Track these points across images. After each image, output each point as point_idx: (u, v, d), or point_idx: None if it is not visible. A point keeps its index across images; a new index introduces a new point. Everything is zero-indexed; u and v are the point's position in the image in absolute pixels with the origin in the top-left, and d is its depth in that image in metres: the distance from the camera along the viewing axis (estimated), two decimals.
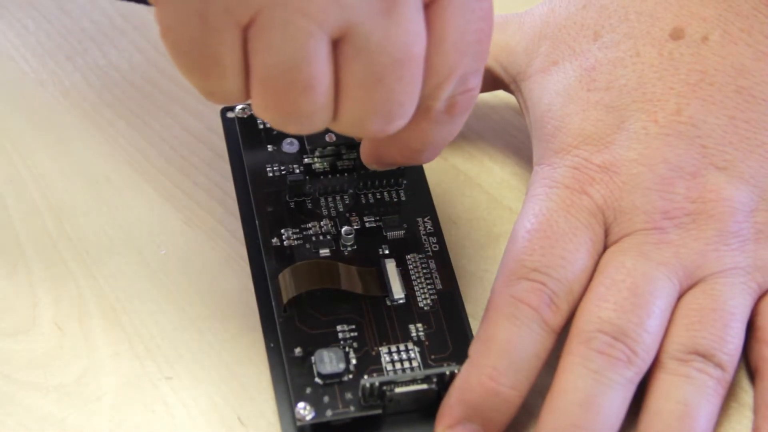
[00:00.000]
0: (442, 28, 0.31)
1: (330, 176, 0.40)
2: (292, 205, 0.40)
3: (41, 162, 0.43)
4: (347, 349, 0.36)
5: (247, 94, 0.31)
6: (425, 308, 0.37)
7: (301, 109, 0.31)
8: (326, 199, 0.40)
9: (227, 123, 0.42)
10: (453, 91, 0.33)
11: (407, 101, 0.32)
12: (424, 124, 0.34)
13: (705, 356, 0.35)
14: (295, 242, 0.39)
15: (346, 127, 0.32)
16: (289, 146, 0.41)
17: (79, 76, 0.46)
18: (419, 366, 0.36)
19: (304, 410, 0.35)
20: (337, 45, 0.30)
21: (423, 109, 0.33)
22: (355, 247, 0.39)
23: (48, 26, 0.47)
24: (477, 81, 0.33)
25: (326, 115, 0.32)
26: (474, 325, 0.37)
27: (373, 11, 0.30)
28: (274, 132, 0.41)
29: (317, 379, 0.35)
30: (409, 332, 0.37)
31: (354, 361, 0.36)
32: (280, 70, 0.30)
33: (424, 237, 0.39)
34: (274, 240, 0.39)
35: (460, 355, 0.36)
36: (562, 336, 0.35)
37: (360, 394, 0.35)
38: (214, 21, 0.29)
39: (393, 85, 0.31)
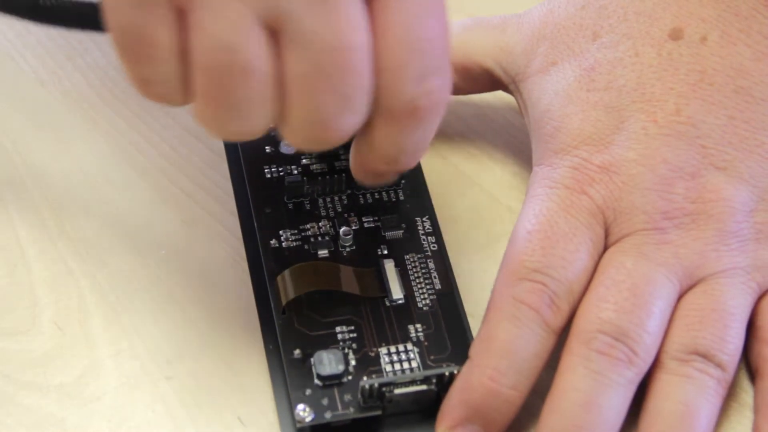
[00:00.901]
0: (386, 23, 0.31)
1: (328, 177, 0.40)
2: (290, 206, 0.40)
3: (41, 162, 0.43)
4: (346, 350, 0.36)
5: (186, 89, 0.31)
6: (424, 309, 0.37)
7: (238, 96, 0.30)
8: (324, 199, 0.40)
9: None
10: (412, 92, 0.32)
11: (354, 95, 0.31)
12: (391, 128, 0.33)
13: (705, 356, 0.35)
14: (294, 243, 0.39)
15: (296, 128, 0.32)
16: (287, 147, 0.41)
17: (79, 76, 0.46)
18: (419, 367, 0.36)
19: (304, 412, 0.35)
20: (276, 38, 0.30)
21: (385, 111, 0.32)
22: (354, 247, 0.39)
23: None
24: (440, 83, 0.32)
25: (268, 110, 0.31)
26: (473, 325, 0.37)
27: (305, 2, 0.29)
28: (272, 133, 0.41)
29: (316, 381, 0.35)
30: (408, 333, 0.37)
31: (353, 363, 0.36)
32: (214, 52, 0.30)
33: (423, 237, 0.39)
34: (273, 241, 0.39)
35: (459, 356, 0.36)
36: (562, 336, 0.35)
37: (359, 395, 0.35)
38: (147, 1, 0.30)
39: (334, 75, 0.30)
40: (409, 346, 0.36)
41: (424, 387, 0.35)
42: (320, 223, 0.39)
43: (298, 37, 0.30)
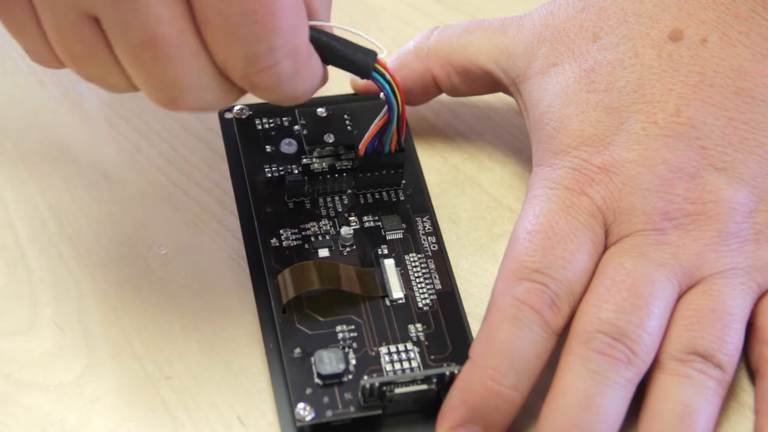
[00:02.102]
0: (201, 13, 0.32)
1: (329, 176, 0.40)
2: (290, 205, 0.40)
3: (41, 162, 0.43)
4: (347, 349, 0.36)
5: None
6: (424, 308, 0.37)
7: (87, 70, 0.33)
8: (325, 199, 0.40)
9: (225, 124, 0.42)
10: (242, 71, 0.33)
11: (182, 80, 0.32)
12: (249, 90, 0.34)
13: (705, 357, 0.35)
14: (294, 243, 0.39)
15: (153, 98, 0.34)
16: (288, 147, 0.41)
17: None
18: (419, 366, 0.36)
19: (304, 411, 0.35)
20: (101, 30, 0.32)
21: (236, 80, 0.33)
22: (354, 247, 0.39)
23: None
24: (273, 60, 0.32)
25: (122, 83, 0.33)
26: (473, 325, 0.37)
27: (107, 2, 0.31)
28: (273, 132, 0.41)
29: (317, 380, 0.35)
30: (408, 332, 0.37)
31: (353, 362, 0.36)
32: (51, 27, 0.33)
33: (423, 237, 0.39)
34: (273, 240, 0.39)
35: (459, 356, 0.36)
36: (562, 336, 0.35)
37: (360, 394, 0.35)
38: None
39: (150, 65, 0.32)
40: (410, 346, 0.37)
41: (424, 386, 0.35)
42: (321, 223, 0.39)
43: (111, 31, 0.32)
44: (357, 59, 0.36)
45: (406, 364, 0.36)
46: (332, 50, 0.35)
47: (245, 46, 0.32)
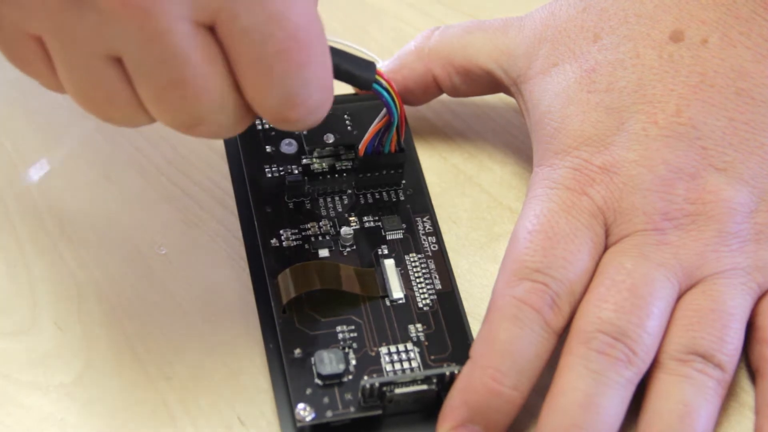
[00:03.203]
0: (232, 53, 0.31)
1: (329, 176, 0.40)
2: (290, 205, 0.40)
3: (41, 162, 0.43)
4: (347, 349, 0.36)
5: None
6: (425, 308, 0.37)
7: (107, 113, 0.33)
8: (325, 199, 0.40)
9: None
10: (276, 109, 0.32)
11: (207, 115, 0.32)
12: (271, 123, 0.33)
13: (704, 357, 0.35)
14: (294, 243, 0.39)
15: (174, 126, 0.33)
16: (288, 147, 0.41)
17: None
18: (419, 366, 0.36)
19: (304, 411, 0.35)
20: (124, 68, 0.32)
21: (265, 116, 0.33)
22: (354, 247, 0.39)
23: None
24: (307, 94, 0.32)
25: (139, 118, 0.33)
26: (473, 325, 0.37)
27: (137, 43, 0.30)
28: (273, 133, 0.41)
29: (317, 380, 0.35)
30: (408, 333, 0.37)
31: (354, 362, 0.36)
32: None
33: (423, 237, 0.39)
34: (273, 241, 0.39)
35: (459, 356, 0.36)
36: (562, 336, 0.35)
37: (360, 394, 0.35)
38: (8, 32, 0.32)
39: (177, 104, 0.32)
40: (410, 346, 0.37)
41: (424, 387, 0.35)
42: (321, 223, 0.39)
43: (137, 73, 0.31)
44: (359, 74, 0.36)
45: (406, 365, 0.36)
46: (333, 65, 0.35)
47: (280, 84, 0.31)
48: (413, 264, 0.39)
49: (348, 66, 0.36)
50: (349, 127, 0.41)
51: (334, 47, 0.35)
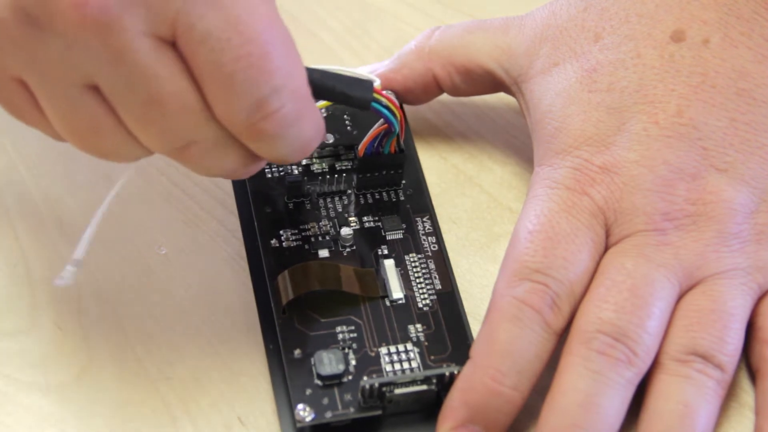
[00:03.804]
0: (194, 64, 0.31)
1: (328, 177, 0.40)
2: (290, 206, 0.40)
3: (41, 162, 0.43)
4: (346, 350, 0.36)
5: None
6: (424, 309, 0.37)
7: (97, 145, 0.33)
8: (325, 199, 0.40)
9: None
10: (247, 120, 0.31)
11: (189, 130, 0.32)
12: (251, 144, 0.33)
13: (704, 357, 0.35)
14: (294, 243, 0.39)
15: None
16: None
17: None
18: (419, 367, 0.36)
19: (304, 411, 0.35)
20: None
21: (240, 133, 0.32)
22: (354, 247, 0.39)
23: None
24: (278, 103, 0.31)
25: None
26: (473, 325, 0.37)
27: (104, 64, 0.30)
28: None
29: (317, 381, 0.35)
30: (408, 333, 0.37)
31: (353, 362, 0.36)
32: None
33: (423, 237, 0.39)
34: (273, 241, 0.39)
35: (459, 356, 0.36)
36: (562, 336, 0.35)
37: (360, 395, 0.35)
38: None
39: (158, 122, 0.31)
40: (410, 346, 0.37)
41: (424, 387, 0.35)
42: (321, 223, 0.39)
43: (114, 98, 0.31)
44: (355, 95, 0.36)
45: (406, 365, 0.36)
46: (328, 89, 0.35)
47: (246, 93, 0.31)
48: (413, 264, 0.39)
49: (344, 88, 0.36)
50: (348, 128, 0.41)
51: (327, 71, 0.35)
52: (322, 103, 0.37)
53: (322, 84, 0.35)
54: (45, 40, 0.30)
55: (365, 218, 0.40)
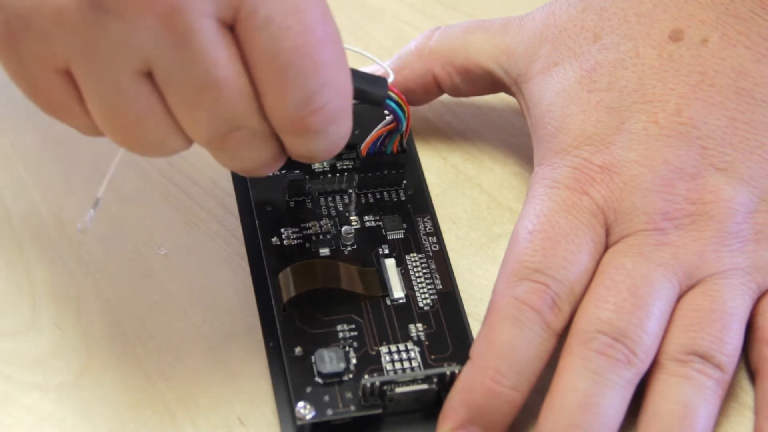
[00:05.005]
0: (251, 51, 0.31)
1: (330, 175, 0.40)
2: (291, 204, 0.40)
3: (41, 162, 0.43)
4: (347, 348, 0.36)
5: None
6: (425, 308, 0.37)
7: (142, 138, 0.33)
8: (326, 198, 0.40)
9: None
10: (297, 113, 0.32)
11: (237, 118, 0.32)
12: (292, 140, 0.33)
13: (704, 357, 0.35)
14: (295, 242, 0.39)
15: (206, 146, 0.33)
16: None
17: None
18: (419, 366, 0.36)
19: (305, 409, 0.35)
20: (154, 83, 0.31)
21: (279, 129, 0.33)
22: (355, 246, 0.39)
23: None
24: (326, 98, 0.32)
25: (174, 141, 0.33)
26: (474, 325, 0.37)
27: (166, 46, 0.30)
28: None
29: (317, 379, 0.35)
30: (409, 332, 0.37)
31: (354, 361, 0.36)
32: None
33: (423, 237, 0.39)
34: (274, 239, 0.39)
35: (460, 355, 0.36)
36: (562, 336, 0.35)
37: (360, 393, 0.35)
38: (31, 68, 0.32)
39: (210, 107, 0.31)
40: (410, 345, 0.37)
41: (425, 386, 0.35)
42: (322, 222, 0.39)
43: (168, 82, 0.31)
44: (372, 90, 0.37)
45: (406, 364, 0.36)
46: None
47: (298, 84, 0.31)
48: (414, 264, 0.39)
49: (361, 84, 0.36)
50: None
51: None
52: None
53: None
54: (106, 23, 0.30)
55: (366, 218, 0.40)
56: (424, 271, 0.38)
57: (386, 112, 0.39)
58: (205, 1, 0.30)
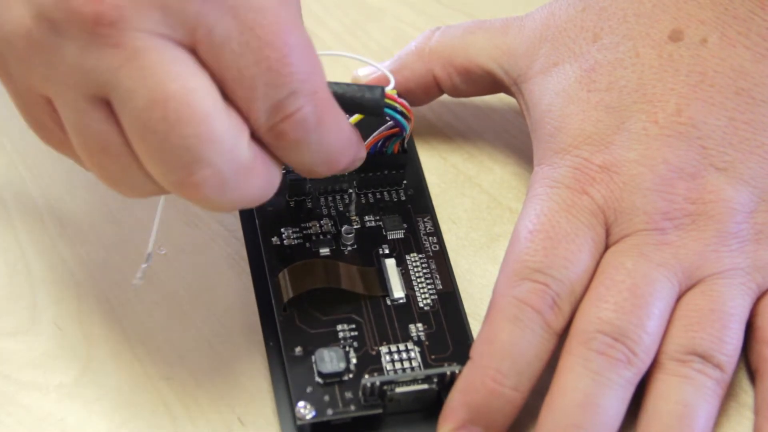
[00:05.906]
0: (215, 68, 0.31)
1: (330, 176, 0.40)
2: (292, 204, 0.40)
3: (41, 162, 0.43)
4: (347, 348, 0.36)
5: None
6: (425, 308, 0.37)
7: (106, 168, 0.32)
8: (326, 198, 0.40)
9: None
10: (268, 122, 0.32)
11: (192, 141, 0.30)
12: (276, 150, 0.33)
13: (704, 357, 0.35)
14: (295, 241, 0.39)
15: (164, 181, 0.32)
16: None
17: None
18: (419, 366, 0.36)
19: (305, 409, 0.35)
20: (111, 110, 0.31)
21: (264, 137, 0.32)
22: (355, 246, 0.39)
23: None
24: (296, 104, 0.32)
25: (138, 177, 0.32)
26: (474, 325, 0.37)
27: (116, 69, 0.30)
28: None
29: (317, 379, 0.35)
30: (409, 332, 0.37)
31: (354, 361, 0.36)
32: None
33: (424, 237, 0.39)
34: (274, 239, 0.39)
35: (460, 355, 0.36)
36: (562, 336, 0.35)
37: (360, 393, 0.35)
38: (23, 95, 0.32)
39: (160, 128, 0.30)
40: (410, 345, 0.37)
41: (425, 386, 0.35)
42: (322, 222, 0.39)
43: (122, 99, 0.30)
44: (366, 101, 0.36)
45: (406, 364, 0.36)
46: (338, 96, 0.35)
47: (265, 95, 0.31)
48: (414, 264, 0.39)
49: (354, 93, 0.36)
50: None
51: (336, 82, 0.35)
52: (354, 117, 0.38)
53: (333, 93, 0.35)
54: (62, 45, 0.30)
55: (366, 217, 0.40)
56: (425, 271, 0.38)
57: (387, 118, 0.38)
58: (151, 22, 0.30)
